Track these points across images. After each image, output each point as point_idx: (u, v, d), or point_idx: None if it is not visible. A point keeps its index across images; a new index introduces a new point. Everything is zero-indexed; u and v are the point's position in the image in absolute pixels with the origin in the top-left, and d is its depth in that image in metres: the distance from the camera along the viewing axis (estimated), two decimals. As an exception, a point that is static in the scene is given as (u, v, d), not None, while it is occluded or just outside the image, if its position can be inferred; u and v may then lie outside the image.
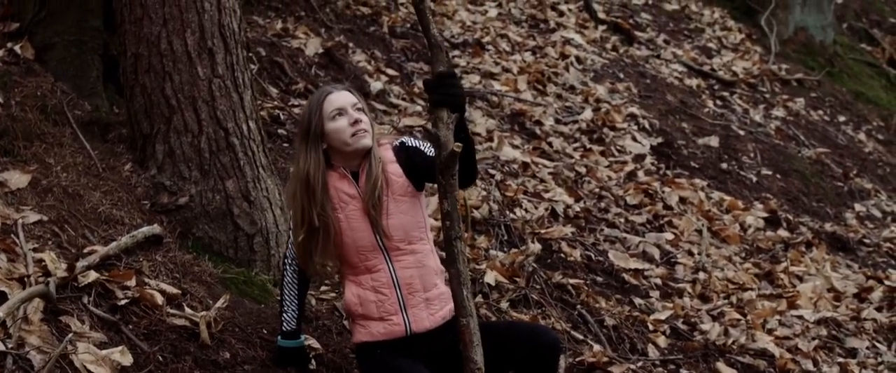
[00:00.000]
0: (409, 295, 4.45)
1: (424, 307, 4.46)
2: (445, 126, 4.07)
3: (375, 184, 4.38)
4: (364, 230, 4.42)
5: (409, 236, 4.46)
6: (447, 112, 4.07)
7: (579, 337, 5.95)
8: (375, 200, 4.37)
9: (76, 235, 4.94)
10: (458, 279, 4.09)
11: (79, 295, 4.56)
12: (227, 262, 5.36)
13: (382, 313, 4.45)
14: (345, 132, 4.39)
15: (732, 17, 14.27)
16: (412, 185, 4.45)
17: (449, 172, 4.09)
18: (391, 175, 4.43)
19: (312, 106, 4.46)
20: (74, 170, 5.32)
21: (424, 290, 4.47)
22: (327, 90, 4.50)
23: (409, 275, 4.45)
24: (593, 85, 10.34)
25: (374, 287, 4.46)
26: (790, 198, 9.64)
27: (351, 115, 4.41)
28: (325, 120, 4.41)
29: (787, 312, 7.19)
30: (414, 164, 4.44)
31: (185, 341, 4.62)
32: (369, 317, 4.47)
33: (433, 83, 4.08)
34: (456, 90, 4.09)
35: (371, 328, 4.48)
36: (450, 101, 4.08)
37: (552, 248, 6.90)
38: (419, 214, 4.49)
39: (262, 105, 6.89)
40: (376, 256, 4.45)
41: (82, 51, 6.01)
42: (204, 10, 5.37)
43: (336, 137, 4.41)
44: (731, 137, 10.40)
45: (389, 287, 4.45)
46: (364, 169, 4.43)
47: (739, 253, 8.05)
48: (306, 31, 8.50)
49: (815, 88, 13.06)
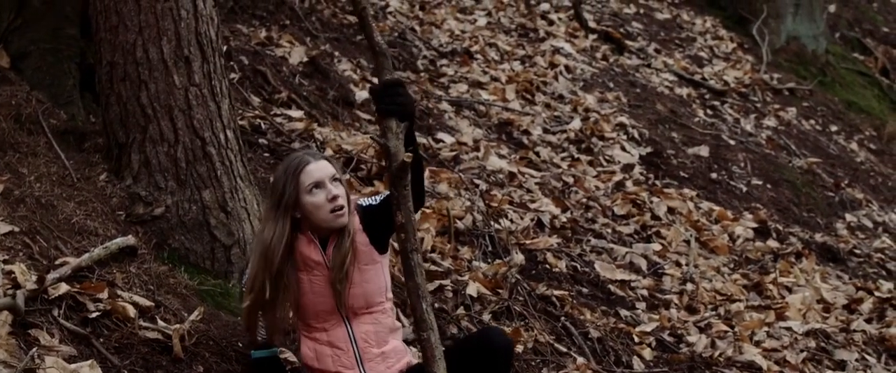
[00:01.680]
0: (365, 350, 4.40)
1: (381, 361, 4.42)
2: (395, 136, 4.01)
3: (345, 259, 4.30)
4: (325, 296, 4.37)
5: (370, 302, 4.42)
6: (396, 122, 4.02)
7: (563, 350, 5.87)
8: (343, 274, 4.30)
9: (48, 246, 4.85)
10: (416, 293, 4.03)
11: (49, 308, 4.47)
12: (204, 273, 5.28)
13: (339, 367, 4.41)
14: (322, 209, 4.29)
15: (724, 26, 14.21)
16: (376, 250, 4.40)
17: (401, 182, 4.02)
18: (359, 245, 4.35)
19: (288, 173, 4.33)
20: (48, 180, 5.24)
21: (378, 346, 4.42)
22: (305, 160, 4.36)
23: (364, 331, 4.41)
24: (582, 94, 10.27)
25: (330, 343, 4.42)
26: (780, 208, 9.56)
27: (329, 190, 4.29)
28: (301, 192, 4.30)
29: (776, 323, 7.11)
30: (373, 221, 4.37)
31: (158, 355, 4.54)
32: (326, 371, 4.43)
33: (380, 92, 4.03)
34: (404, 99, 4.04)
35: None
36: (398, 110, 4.02)
37: (537, 259, 6.82)
38: (381, 279, 4.45)
39: (242, 114, 6.81)
40: (334, 317, 4.41)
41: (58, 59, 5.93)
42: (180, 18, 5.29)
43: (313, 211, 4.31)
44: (722, 147, 10.33)
45: (346, 342, 4.41)
46: (333, 240, 4.35)
47: (728, 264, 7.97)
48: (291, 39, 8.42)
49: (806, 98, 12.99)
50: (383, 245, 4.42)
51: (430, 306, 4.09)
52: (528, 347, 5.71)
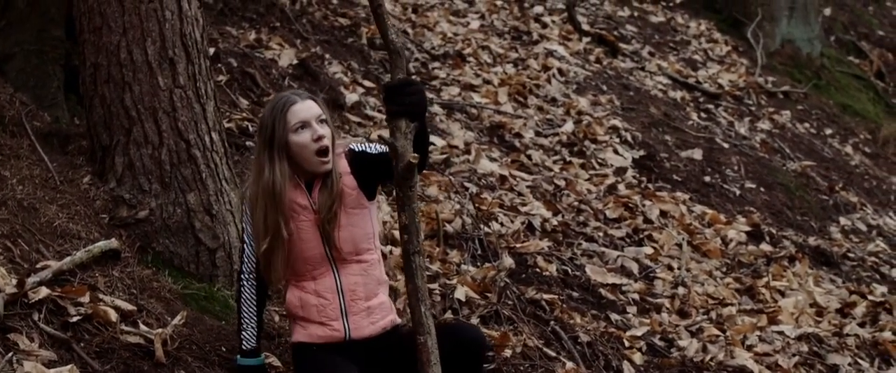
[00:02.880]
0: (351, 302, 4.37)
1: (365, 315, 4.38)
2: (404, 136, 3.93)
3: (333, 202, 4.28)
4: (313, 242, 4.34)
5: (358, 248, 4.38)
6: (406, 121, 3.94)
7: (552, 354, 5.81)
8: (331, 214, 4.28)
9: (30, 249, 4.80)
10: (416, 295, 3.98)
11: (29, 312, 4.41)
12: (188, 277, 5.22)
13: (322, 317, 4.38)
14: (307, 148, 4.26)
15: (719, 29, 14.17)
16: (364, 195, 4.36)
17: (407, 183, 3.96)
18: (345, 187, 4.32)
19: (275, 113, 4.31)
20: (31, 182, 5.18)
21: (366, 298, 4.39)
22: (291, 99, 4.33)
23: (353, 282, 4.37)
24: (575, 97, 10.22)
25: (317, 292, 4.38)
26: (774, 211, 9.51)
27: (315, 129, 4.27)
28: (287, 131, 4.27)
29: (768, 327, 7.05)
30: (364, 168, 4.34)
31: (140, 360, 4.48)
32: (309, 320, 4.39)
33: (392, 91, 3.94)
34: (416, 98, 3.95)
35: (310, 330, 4.40)
36: (408, 110, 3.94)
37: (527, 262, 6.77)
38: (369, 225, 4.40)
39: (230, 116, 6.75)
40: (323, 265, 4.37)
41: (43, 61, 5.88)
42: (165, 20, 5.24)
43: (298, 152, 4.29)
44: (715, 150, 10.28)
45: (332, 293, 4.37)
46: (319, 182, 4.33)
47: (720, 268, 7.92)
48: (281, 41, 8.37)
49: (801, 101, 12.95)
50: (372, 192, 4.39)
51: (430, 310, 4.04)
52: (516, 351, 5.65)
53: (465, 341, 4.27)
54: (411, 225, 3.98)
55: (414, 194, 4.00)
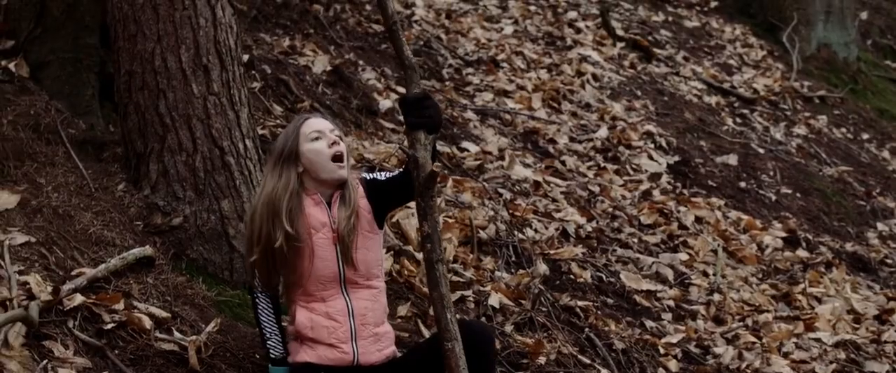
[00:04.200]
0: (361, 326, 4.40)
1: (373, 341, 4.42)
2: (423, 147, 4.07)
3: (352, 212, 4.34)
4: (329, 260, 4.37)
5: (370, 272, 4.44)
6: (424, 134, 4.10)
7: (586, 361, 5.78)
8: (350, 227, 4.33)
9: (65, 257, 4.82)
10: (441, 303, 4.03)
11: (64, 319, 4.44)
12: (222, 284, 5.23)
13: (333, 339, 4.39)
14: (323, 153, 4.34)
15: (754, 33, 14.07)
16: (376, 222, 4.43)
17: (428, 193, 4.06)
18: (361, 210, 4.40)
19: (289, 130, 4.44)
20: (66, 190, 5.20)
21: (375, 325, 4.43)
22: (306, 115, 4.50)
23: (363, 307, 4.41)
24: (610, 102, 10.17)
25: (328, 314, 4.39)
26: (810, 217, 9.43)
27: (329, 137, 4.36)
28: (302, 141, 4.36)
29: (805, 334, 6.99)
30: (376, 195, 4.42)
31: (174, 367, 4.50)
32: (319, 341, 4.39)
33: (409, 105, 4.10)
34: (432, 112, 4.12)
35: (319, 351, 4.40)
36: (426, 122, 4.11)
37: (561, 269, 6.74)
38: (379, 253, 4.50)
39: (264, 123, 6.76)
40: (334, 286, 4.40)
41: (78, 69, 5.90)
42: (199, 27, 5.25)
43: (313, 159, 4.35)
44: (751, 156, 10.21)
45: (343, 316, 4.39)
46: (337, 198, 4.39)
47: (756, 274, 7.85)
48: (314, 48, 8.38)
49: (837, 106, 12.84)
50: (381, 221, 4.47)
51: (455, 317, 4.08)
52: (551, 358, 5.63)
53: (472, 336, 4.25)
54: (433, 234, 4.07)
55: (435, 204, 4.11)
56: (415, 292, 5.78)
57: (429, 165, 4.05)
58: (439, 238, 4.07)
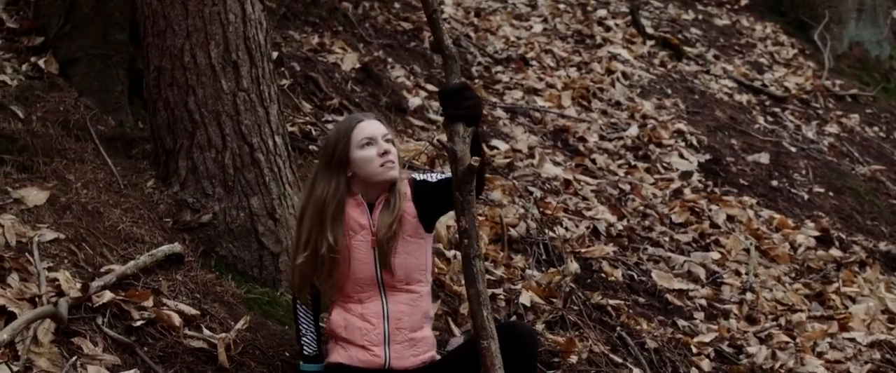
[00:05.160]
0: (395, 330, 4.33)
1: (408, 346, 4.34)
2: (462, 140, 3.96)
3: (394, 219, 4.25)
4: (367, 263, 4.31)
5: (410, 277, 4.35)
6: (463, 126, 3.97)
7: (618, 360, 5.72)
8: (390, 233, 4.25)
9: (94, 253, 4.80)
10: (477, 300, 3.93)
11: (93, 316, 4.42)
12: (251, 282, 5.19)
13: (365, 341, 4.33)
14: (373, 162, 4.26)
15: (785, 32, 13.96)
16: (423, 226, 4.34)
17: (466, 187, 3.96)
18: (405, 214, 4.31)
19: (340, 133, 4.34)
20: (95, 186, 5.18)
21: (411, 329, 4.35)
22: (357, 118, 4.38)
23: (400, 311, 4.34)
24: (640, 101, 10.10)
25: (363, 315, 4.34)
26: (843, 216, 9.33)
27: (381, 145, 4.28)
28: (352, 147, 4.28)
29: (839, 334, 6.91)
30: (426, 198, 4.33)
31: (203, 365, 4.46)
32: (351, 342, 4.35)
33: (448, 96, 3.98)
34: (471, 103, 3.99)
35: (350, 352, 4.36)
36: (466, 114, 3.99)
37: (592, 267, 6.68)
38: (424, 257, 4.39)
39: (293, 121, 6.73)
40: (372, 289, 4.34)
41: (107, 65, 5.88)
42: (228, 22, 5.22)
43: (363, 166, 4.28)
44: (783, 154, 10.12)
45: (378, 318, 4.33)
46: (381, 202, 4.32)
47: (789, 273, 7.77)
48: (343, 45, 8.34)
49: (870, 104, 12.72)
50: (430, 225, 4.37)
51: (491, 314, 3.99)
52: (582, 357, 5.57)
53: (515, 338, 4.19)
54: (471, 229, 3.96)
55: (473, 198, 4.00)
56: (445, 289, 5.74)
57: (467, 158, 3.94)
58: (477, 234, 3.98)
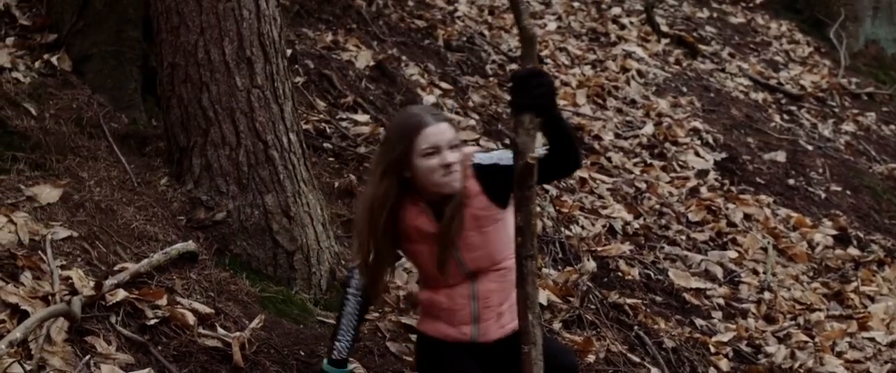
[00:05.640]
0: (484, 309, 4.11)
1: (496, 320, 4.13)
2: (526, 132, 3.61)
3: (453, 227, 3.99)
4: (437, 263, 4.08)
5: (495, 259, 4.09)
6: (530, 117, 3.61)
7: (636, 360, 5.67)
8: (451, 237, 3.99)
9: (107, 251, 4.75)
10: (525, 303, 3.69)
11: (106, 314, 4.37)
12: (266, 280, 5.14)
13: (452, 320, 4.15)
14: (435, 174, 3.93)
15: (800, 30, 13.89)
16: (498, 207, 4.04)
17: (525, 183, 3.66)
18: (477, 210, 4.01)
19: (404, 133, 3.98)
20: (108, 184, 5.14)
21: (499, 304, 4.12)
22: (424, 122, 3.96)
23: (488, 289, 4.10)
24: (655, 99, 10.04)
25: (449, 297, 4.13)
26: (861, 215, 9.26)
27: (444, 157, 3.92)
28: (415, 154, 3.94)
29: (858, 334, 6.85)
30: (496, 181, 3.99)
31: (217, 363, 4.42)
32: (438, 319, 4.17)
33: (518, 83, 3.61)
34: (542, 90, 3.60)
35: (438, 327, 4.17)
36: (534, 103, 3.62)
37: (609, 266, 6.62)
38: (505, 234, 4.06)
39: (307, 118, 6.68)
40: (456, 279, 4.12)
41: (120, 62, 5.84)
42: (242, 19, 5.17)
43: (423, 176, 3.96)
44: (799, 153, 10.05)
45: (465, 299, 4.11)
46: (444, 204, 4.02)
47: (807, 272, 7.71)
48: (357, 43, 8.29)
49: (886, 102, 12.64)
50: (504, 201, 4.03)
51: (537, 319, 3.75)
52: (600, 357, 5.52)
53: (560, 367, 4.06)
54: (526, 227, 3.69)
55: (532, 195, 3.69)
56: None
57: (529, 152, 3.61)
58: (533, 233, 3.71)
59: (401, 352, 4.98)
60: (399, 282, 5.53)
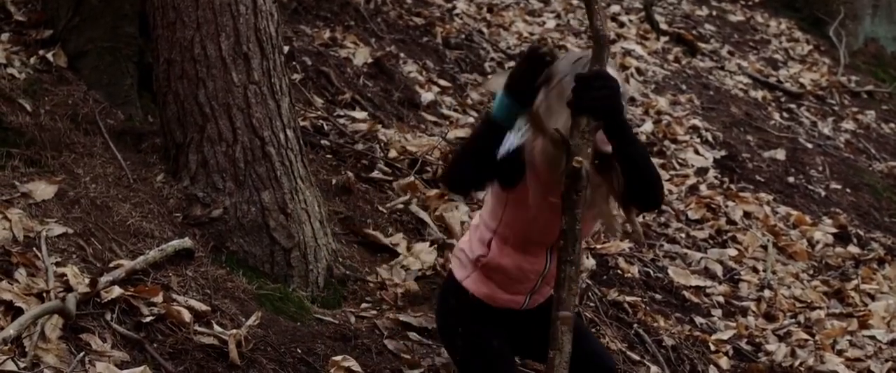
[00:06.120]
0: (545, 285, 3.92)
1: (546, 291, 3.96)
2: (581, 135, 3.44)
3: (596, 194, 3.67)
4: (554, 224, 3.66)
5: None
6: (587, 119, 3.43)
7: (636, 358, 5.63)
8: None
9: (103, 248, 4.71)
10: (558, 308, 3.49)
11: (101, 312, 4.33)
12: (263, 277, 5.10)
13: (511, 288, 3.93)
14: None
15: (800, 28, 13.87)
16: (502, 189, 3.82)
17: (573, 187, 3.47)
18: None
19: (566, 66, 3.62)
20: (104, 181, 5.10)
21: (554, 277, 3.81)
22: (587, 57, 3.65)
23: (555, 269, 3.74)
24: (654, 97, 10.01)
25: (521, 268, 3.90)
26: (861, 213, 9.23)
27: None
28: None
29: (859, 332, 6.81)
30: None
31: (213, 361, 4.38)
32: (492, 281, 3.94)
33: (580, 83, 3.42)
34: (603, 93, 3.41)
35: (492, 291, 3.93)
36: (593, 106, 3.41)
37: (608, 264, 6.58)
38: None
39: (304, 115, 6.64)
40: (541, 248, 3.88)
41: (116, 58, 5.79)
42: (239, 14, 5.13)
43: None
44: (799, 151, 10.02)
45: (536, 274, 3.90)
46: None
47: (807, 270, 7.67)
48: (355, 40, 8.25)
49: (886, 100, 12.62)
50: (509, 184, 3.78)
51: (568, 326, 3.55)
52: (599, 355, 5.47)
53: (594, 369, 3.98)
54: (570, 233, 3.51)
55: (579, 200, 3.49)
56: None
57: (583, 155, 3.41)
58: (576, 238, 3.50)
59: (398, 350, 4.94)
60: (397, 279, 5.49)
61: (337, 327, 4.95)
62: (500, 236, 3.88)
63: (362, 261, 5.60)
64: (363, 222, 5.87)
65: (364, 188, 6.18)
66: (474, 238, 3.98)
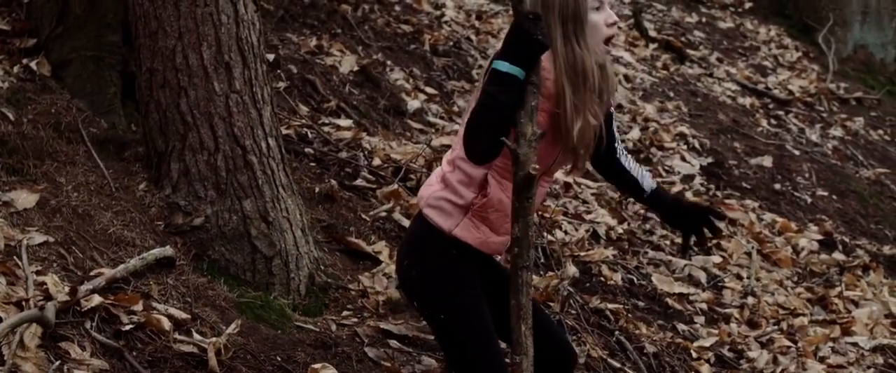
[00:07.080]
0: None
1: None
2: (527, 143, 3.52)
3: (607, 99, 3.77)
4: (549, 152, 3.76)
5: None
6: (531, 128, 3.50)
7: (617, 365, 5.65)
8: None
9: (84, 257, 4.73)
10: (518, 313, 3.61)
11: (81, 320, 4.35)
12: (244, 285, 5.13)
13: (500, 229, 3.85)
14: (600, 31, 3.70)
15: (789, 35, 13.91)
16: None
17: (523, 194, 3.56)
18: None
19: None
20: (86, 189, 5.12)
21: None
22: None
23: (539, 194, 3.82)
24: (642, 104, 10.04)
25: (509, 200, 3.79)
26: (847, 220, 9.26)
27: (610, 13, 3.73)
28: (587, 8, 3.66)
29: (841, 339, 6.83)
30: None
31: (192, 369, 4.40)
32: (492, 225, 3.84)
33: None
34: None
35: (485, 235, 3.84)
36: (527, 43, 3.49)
37: (591, 271, 6.61)
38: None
39: (289, 123, 6.67)
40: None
41: (100, 67, 5.81)
42: (221, 23, 5.15)
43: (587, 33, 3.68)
44: (786, 157, 10.05)
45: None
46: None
47: (791, 277, 7.70)
48: (342, 48, 8.28)
49: (874, 107, 12.66)
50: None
51: (530, 330, 3.66)
52: (580, 362, 5.50)
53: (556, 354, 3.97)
54: (523, 238, 3.61)
55: (531, 206, 3.60)
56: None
57: (530, 163, 3.49)
58: (530, 244, 3.63)
59: (379, 357, 4.96)
60: (378, 287, 5.52)
61: (317, 335, 4.98)
62: (497, 170, 3.79)
63: (344, 269, 5.62)
64: (346, 230, 5.89)
65: (347, 196, 6.21)
66: (455, 183, 3.86)
